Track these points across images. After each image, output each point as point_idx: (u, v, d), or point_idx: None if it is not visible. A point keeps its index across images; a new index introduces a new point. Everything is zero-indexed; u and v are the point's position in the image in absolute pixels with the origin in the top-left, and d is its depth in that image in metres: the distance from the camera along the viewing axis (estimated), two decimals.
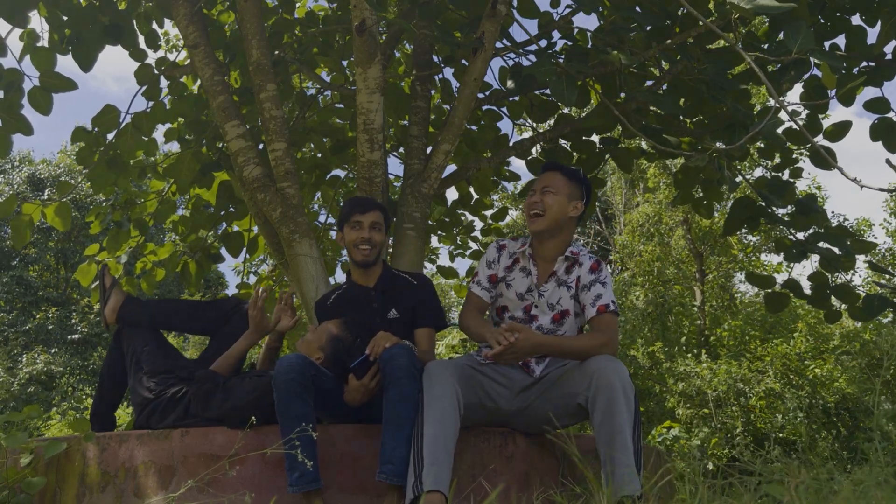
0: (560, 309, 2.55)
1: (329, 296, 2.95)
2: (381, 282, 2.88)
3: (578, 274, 2.54)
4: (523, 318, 2.58)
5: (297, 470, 2.18)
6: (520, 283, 2.60)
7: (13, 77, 3.53)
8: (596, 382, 2.24)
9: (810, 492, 1.43)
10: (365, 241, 2.79)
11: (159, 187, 5.07)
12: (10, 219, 4.11)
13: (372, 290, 2.86)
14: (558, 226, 2.56)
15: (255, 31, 3.77)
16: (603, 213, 18.73)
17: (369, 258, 2.81)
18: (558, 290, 2.55)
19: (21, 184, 17.68)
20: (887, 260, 13.94)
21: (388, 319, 2.79)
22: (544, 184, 2.57)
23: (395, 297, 2.85)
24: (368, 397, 2.49)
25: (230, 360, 2.72)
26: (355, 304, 2.86)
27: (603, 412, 2.20)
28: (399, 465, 2.19)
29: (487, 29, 3.44)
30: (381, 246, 2.86)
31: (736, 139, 3.28)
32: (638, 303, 12.44)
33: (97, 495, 2.45)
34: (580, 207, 2.59)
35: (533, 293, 2.57)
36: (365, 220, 2.82)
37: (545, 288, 2.56)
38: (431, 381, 2.28)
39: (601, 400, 2.21)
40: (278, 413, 2.26)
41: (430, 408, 2.22)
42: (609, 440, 2.17)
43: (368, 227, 2.81)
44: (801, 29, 2.43)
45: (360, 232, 2.80)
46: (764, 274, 4.03)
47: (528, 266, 2.60)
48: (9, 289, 16.93)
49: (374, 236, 2.81)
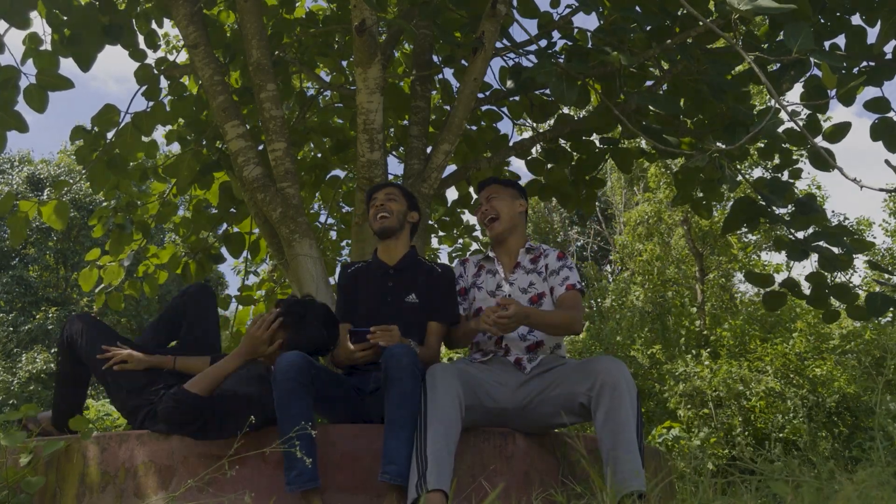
0: (535, 292, 2.72)
1: (353, 264, 2.96)
2: (401, 262, 2.84)
3: (546, 262, 2.78)
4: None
5: (295, 468, 2.17)
6: (489, 283, 2.80)
7: (9, 74, 3.52)
8: (601, 381, 2.28)
9: (812, 491, 1.43)
10: (380, 208, 2.82)
11: (161, 189, 5.07)
12: (6, 217, 4.10)
13: (391, 268, 2.83)
14: (513, 223, 2.84)
15: (255, 31, 3.77)
16: (603, 213, 18.73)
17: (386, 223, 2.81)
18: (528, 276, 2.75)
19: (20, 183, 17.68)
20: (886, 260, 13.94)
21: (405, 303, 2.76)
22: (488, 195, 2.88)
23: (415, 281, 2.80)
24: (351, 363, 2.63)
25: (211, 382, 2.37)
26: (371, 279, 2.84)
27: (607, 411, 2.23)
28: (402, 465, 2.18)
29: (487, 29, 3.44)
30: (399, 214, 2.84)
31: (736, 139, 3.28)
32: (638, 302, 12.45)
33: (97, 495, 2.45)
34: (524, 204, 2.92)
35: (503, 286, 2.76)
36: (380, 195, 2.85)
37: (514, 277, 2.76)
38: (434, 382, 2.30)
39: (605, 398, 2.25)
40: (278, 411, 2.25)
41: (433, 409, 2.24)
42: (613, 438, 2.19)
43: (383, 197, 2.84)
44: (801, 29, 2.43)
45: (376, 203, 2.84)
46: (763, 273, 4.05)
47: (493, 267, 2.83)
48: (9, 289, 16.93)
49: (389, 205, 2.82)
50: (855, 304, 3.89)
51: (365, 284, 2.83)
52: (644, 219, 13.48)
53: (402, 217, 2.85)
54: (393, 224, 2.82)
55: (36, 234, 17.35)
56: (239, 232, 5.00)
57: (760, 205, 3.94)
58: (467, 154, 4.91)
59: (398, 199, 2.86)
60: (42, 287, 17.40)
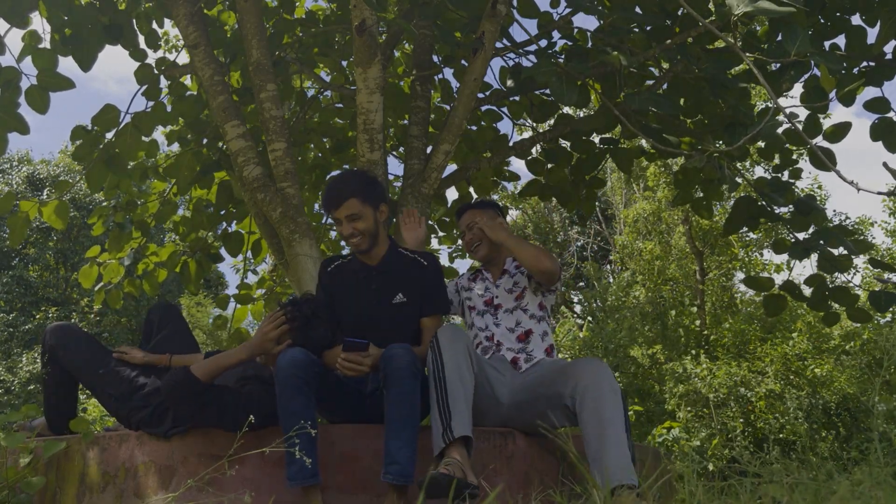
0: (518, 290, 2.90)
1: (334, 260, 2.82)
2: (383, 262, 2.71)
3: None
4: (485, 308, 2.90)
5: (296, 464, 2.17)
6: (480, 287, 2.99)
7: (11, 75, 3.52)
8: (582, 384, 2.31)
9: (809, 492, 1.43)
10: (350, 235, 2.64)
11: (161, 188, 5.07)
12: (6, 216, 4.10)
13: (373, 269, 2.71)
14: (495, 244, 2.94)
15: (255, 31, 3.77)
16: (603, 213, 18.72)
17: (361, 247, 2.66)
18: (512, 278, 2.93)
19: (20, 183, 17.69)
20: (886, 260, 13.95)
21: (393, 305, 2.67)
22: (467, 222, 3.02)
23: (402, 279, 2.70)
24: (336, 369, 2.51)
25: (215, 370, 2.39)
26: (353, 282, 2.71)
27: (591, 411, 2.25)
28: (405, 464, 2.17)
29: (487, 29, 3.44)
30: (369, 230, 2.65)
31: (736, 139, 3.28)
32: (637, 301, 12.45)
33: (97, 495, 2.45)
34: (503, 221, 3.05)
35: (491, 289, 2.94)
36: (340, 215, 2.64)
37: (500, 281, 2.94)
38: (448, 339, 2.35)
39: (588, 399, 2.27)
40: (279, 408, 2.24)
41: (450, 363, 2.30)
42: (599, 436, 2.20)
43: (346, 220, 2.63)
44: (798, 33, 2.44)
45: (341, 228, 2.66)
46: (762, 276, 4.03)
47: (484, 275, 3.01)
48: (9, 289, 16.94)
49: (356, 226, 2.63)
50: (855, 306, 3.89)
51: (347, 287, 2.71)
52: (642, 216, 13.48)
53: (373, 229, 2.66)
54: (368, 245, 2.67)
55: (36, 234, 17.36)
56: (238, 231, 5.01)
57: (761, 204, 3.94)
58: (467, 154, 4.91)
59: (361, 212, 2.62)
60: (42, 287, 17.40)
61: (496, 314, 2.85)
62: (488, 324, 2.84)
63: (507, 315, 2.83)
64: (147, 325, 3.00)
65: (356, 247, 2.67)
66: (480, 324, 2.86)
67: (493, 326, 2.82)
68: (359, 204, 2.63)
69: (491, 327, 2.82)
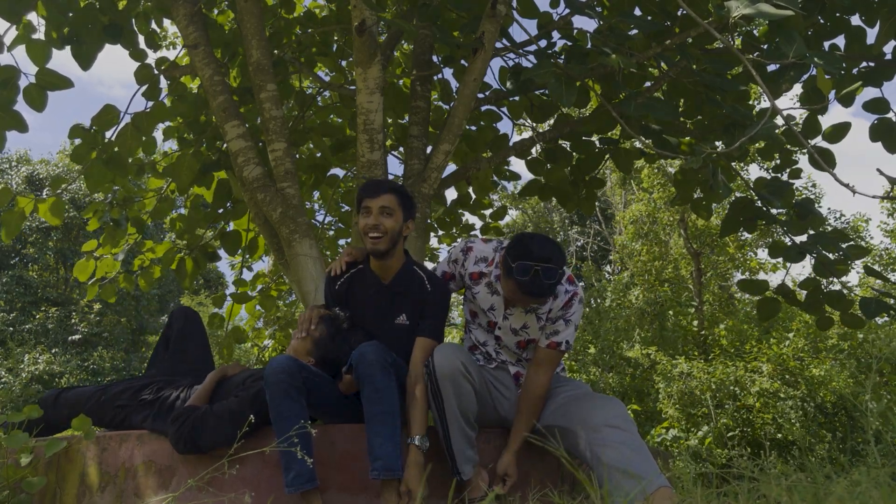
0: (525, 338, 2.55)
1: (341, 277, 2.71)
2: (397, 280, 2.63)
3: (552, 306, 2.48)
4: (486, 330, 2.62)
5: (292, 470, 2.18)
6: (485, 300, 2.58)
7: (9, 74, 3.53)
8: (599, 439, 2.24)
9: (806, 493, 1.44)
10: (373, 227, 2.51)
11: (158, 185, 5.07)
12: (3, 212, 4.09)
13: (385, 287, 2.64)
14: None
15: (255, 30, 3.77)
16: (603, 213, 18.73)
17: (379, 246, 2.52)
18: (525, 317, 2.52)
19: (19, 183, 17.69)
20: (885, 260, 13.96)
21: (395, 325, 2.62)
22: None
23: (407, 300, 2.63)
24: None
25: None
26: (365, 297, 2.66)
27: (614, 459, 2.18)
28: (388, 459, 2.20)
29: (487, 29, 3.44)
30: (394, 233, 2.53)
31: (734, 140, 3.28)
32: (637, 302, 12.46)
33: (97, 495, 2.46)
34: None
35: (496, 311, 2.55)
36: (374, 204, 2.52)
37: (510, 311, 2.54)
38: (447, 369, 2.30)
39: (610, 453, 2.20)
40: (271, 414, 2.25)
41: (449, 400, 2.29)
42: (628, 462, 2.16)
43: (378, 211, 2.51)
44: (794, 37, 2.44)
45: (368, 218, 2.52)
46: (757, 280, 4.02)
47: (494, 286, 2.55)
48: (9, 289, 16.93)
49: (384, 222, 2.51)
50: (848, 311, 3.88)
51: (360, 299, 2.67)
52: (637, 218, 13.49)
53: (396, 235, 2.55)
54: (385, 247, 2.53)
55: (36, 234, 17.35)
56: (235, 230, 5.01)
57: (758, 206, 3.94)
58: (467, 154, 4.91)
59: (394, 211, 2.54)
60: (42, 287, 17.40)
61: (494, 343, 2.63)
62: (487, 340, 2.63)
63: (508, 335, 2.59)
64: (168, 329, 3.06)
65: (374, 243, 2.52)
66: (480, 336, 2.65)
67: (492, 342, 2.63)
68: (396, 202, 2.55)
69: (491, 342, 2.63)
